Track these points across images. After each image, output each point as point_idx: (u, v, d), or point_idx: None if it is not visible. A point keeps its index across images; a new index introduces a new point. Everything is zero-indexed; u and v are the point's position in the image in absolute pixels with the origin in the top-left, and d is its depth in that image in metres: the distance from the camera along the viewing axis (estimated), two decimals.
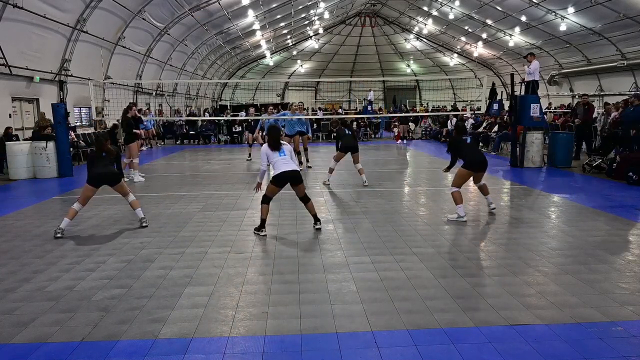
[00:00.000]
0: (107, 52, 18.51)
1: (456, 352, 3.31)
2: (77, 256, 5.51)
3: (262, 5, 23.35)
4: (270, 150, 6.43)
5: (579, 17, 21.04)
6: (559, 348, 3.34)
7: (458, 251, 5.53)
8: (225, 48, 30.11)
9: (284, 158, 6.39)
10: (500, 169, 12.68)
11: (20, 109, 14.72)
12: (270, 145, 6.44)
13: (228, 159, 16.15)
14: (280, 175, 6.28)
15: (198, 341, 3.50)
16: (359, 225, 6.78)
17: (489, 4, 23.64)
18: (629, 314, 3.85)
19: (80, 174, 12.38)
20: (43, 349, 3.44)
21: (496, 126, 17.61)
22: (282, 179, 6.30)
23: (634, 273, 4.77)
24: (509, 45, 28.35)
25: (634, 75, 21.93)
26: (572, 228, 6.54)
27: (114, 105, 18.90)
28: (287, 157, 6.44)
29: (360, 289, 4.40)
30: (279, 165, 6.33)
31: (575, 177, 11.12)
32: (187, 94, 31.22)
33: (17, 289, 4.56)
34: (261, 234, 6.30)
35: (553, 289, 4.37)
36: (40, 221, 7.27)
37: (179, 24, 21.55)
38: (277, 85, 40.24)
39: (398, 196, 9.17)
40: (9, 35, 12.85)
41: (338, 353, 3.31)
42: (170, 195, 9.25)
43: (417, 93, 44.03)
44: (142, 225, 6.80)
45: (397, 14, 35.27)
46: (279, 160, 6.36)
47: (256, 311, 3.99)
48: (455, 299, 4.16)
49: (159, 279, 4.75)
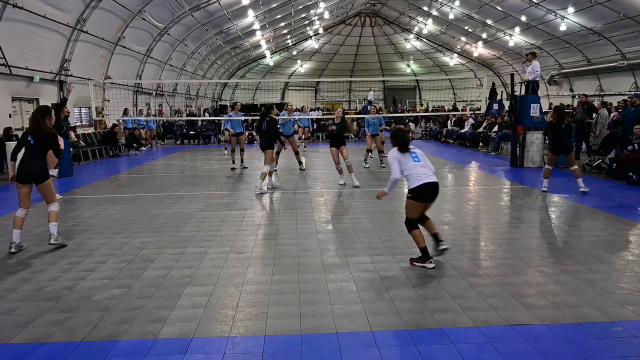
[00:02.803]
0: (107, 52, 18.51)
1: (456, 352, 3.31)
2: (77, 256, 5.51)
3: (262, 5, 23.35)
4: (400, 154, 5.08)
5: (579, 17, 21.04)
6: (559, 348, 3.34)
7: (458, 251, 5.53)
8: (225, 48, 30.10)
9: (421, 165, 5.04)
10: (500, 169, 12.68)
11: (20, 109, 14.71)
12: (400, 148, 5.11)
13: (228, 159, 16.13)
14: (422, 188, 4.92)
15: (198, 341, 3.50)
16: (359, 225, 6.78)
17: (489, 4, 23.64)
18: (629, 314, 3.85)
19: (81, 174, 12.39)
20: (43, 349, 3.44)
21: (496, 126, 17.61)
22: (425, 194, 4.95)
23: (634, 273, 4.77)
24: (509, 45, 28.36)
25: (634, 75, 21.92)
26: (572, 228, 6.54)
27: (114, 105, 18.93)
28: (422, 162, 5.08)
29: (360, 289, 4.40)
30: (416, 173, 4.96)
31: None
32: (187, 94, 31.22)
33: (17, 289, 4.56)
34: (428, 266, 4.91)
35: (553, 289, 4.37)
36: (40, 221, 7.25)
37: (179, 24, 21.55)
38: (277, 85, 40.25)
39: (398, 196, 9.16)
40: (9, 35, 12.85)
41: (338, 353, 3.31)
42: (170, 195, 9.24)
43: (417, 93, 44.03)
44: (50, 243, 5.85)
45: (397, 14, 35.27)
46: (415, 166, 5.00)
47: (256, 311, 3.99)
48: (455, 299, 4.16)
49: (159, 279, 4.75)
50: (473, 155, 16.30)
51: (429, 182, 4.93)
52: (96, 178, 11.81)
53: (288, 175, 11.93)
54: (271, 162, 9.58)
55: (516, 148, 13.02)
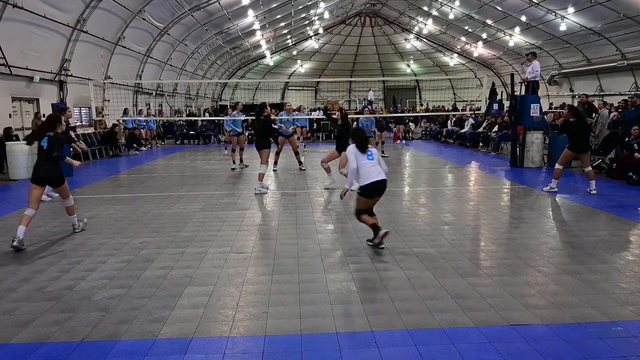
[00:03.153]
0: (107, 52, 18.52)
1: (456, 352, 3.31)
2: (77, 256, 5.51)
3: (262, 5, 23.36)
4: (358, 150, 5.67)
5: (579, 17, 21.04)
6: (559, 348, 3.34)
7: (458, 251, 5.53)
8: (225, 48, 30.11)
9: (372, 163, 5.62)
10: (500, 169, 12.68)
11: (20, 109, 14.72)
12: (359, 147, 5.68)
13: (228, 159, 16.13)
14: (370, 185, 5.55)
15: (198, 341, 3.50)
16: (359, 225, 6.77)
17: (489, 4, 23.64)
18: (629, 314, 3.85)
19: (81, 174, 12.38)
20: (43, 349, 3.44)
21: (496, 126, 17.62)
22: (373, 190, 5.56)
23: (634, 273, 4.77)
24: (509, 45, 28.36)
25: (634, 75, 21.93)
26: (572, 228, 6.54)
27: (114, 105, 18.94)
28: (375, 161, 5.67)
29: (360, 289, 4.40)
30: (367, 172, 5.57)
31: (575, 177, 11.12)
32: (187, 94, 31.23)
33: (17, 289, 4.56)
34: (380, 233, 5.49)
35: (553, 289, 4.37)
36: (40, 221, 7.26)
37: (179, 24, 21.56)
38: (277, 85, 40.26)
39: (398, 196, 9.16)
40: (9, 35, 12.85)
41: (338, 353, 3.31)
42: (170, 195, 9.24)
43: (417, 93, 44.04)
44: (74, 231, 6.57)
45: (397, 14, 35.28)
46: (366, 164, 5.60)
47: (256, 311, 3.99)
48: (455, 299, 4.16)
49: (159, 279, 4.75)
50: (473, 155, 16.30)
51: (377, 180, 5.54)
52: (96, 178, 11.81)
53: (288, 175, 11.94)
54: (267, 163, 9.50)
55: (516, 148, 13.02)
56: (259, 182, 9.34)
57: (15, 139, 13.02)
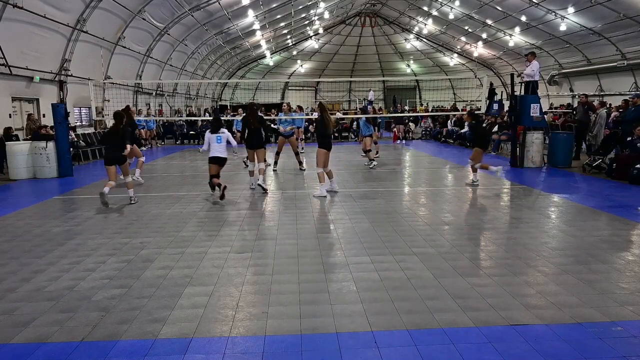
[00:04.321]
0: (107, 52, 18.52)
1: (456, 352, 3.31)
2: (77, 256, 5.52)
3: (262, 5, 23.36)
4: (211, 134, 8.78)
5: (579, 17, 21.05)
6: (559, 348, 3.34)
7: (458, 251, 5.53)
8: (225, 48, 30.12)
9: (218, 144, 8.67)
10: (500, 169, 12.64)
11: (20, 109, 14.72)
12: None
13: (228, 158, 16.13)
14: (211, 158, 8.72)
15: (198, 341, 3.50)
16: (359, 225, 6.78)
17: (489, 4, 23.65)
18: (629, 314, 3.85)
19: (80, 174, 12.39)
20: (43, 349, 3.44)
21: (496, 126, 17.60)
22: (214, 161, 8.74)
23: (634, 273, 4.77)
24: (509, 45, 28.37)
25: (634, 75, 21.94)
26: (572, 228, 6.53)
27: (114, 105, 18.93)
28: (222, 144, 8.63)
29: (360, 289, 4.40)
30: (212, 149, 8.69)
31: (575, 177, 11.12)
32: (187, 94, 31.23)
33: (17, 289, 4.56)
34: (222, 187, 8.44)
35: (553, 289, 4.37)
36: (40, 221, 7.26)
37: (179, 24, 21.56)
38: (277, 85, 40.27)
39: (398, 196, 9.16)
40: (9, 35, 12.86)
41: (338, 353, 3.31)
42: (170, 196, 9.25)
43: (417, 93, 44.05)
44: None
45: (397, 14, 35.28)
46: (214, 144, 8.69)
47: (256, 311, 3.99)
48: (455, 299, 4.16)
49: (159, 279, 4.75)
50: None
51: (215, 156, 8.72)
52: (96, 178, 11.79)
53: (288, 175, 11.94)
54: (264, 160, 9.71)
55: (516, 148, 13.02)
56: (261, 176, 9.49)
57: (15, 139, 13.02)
